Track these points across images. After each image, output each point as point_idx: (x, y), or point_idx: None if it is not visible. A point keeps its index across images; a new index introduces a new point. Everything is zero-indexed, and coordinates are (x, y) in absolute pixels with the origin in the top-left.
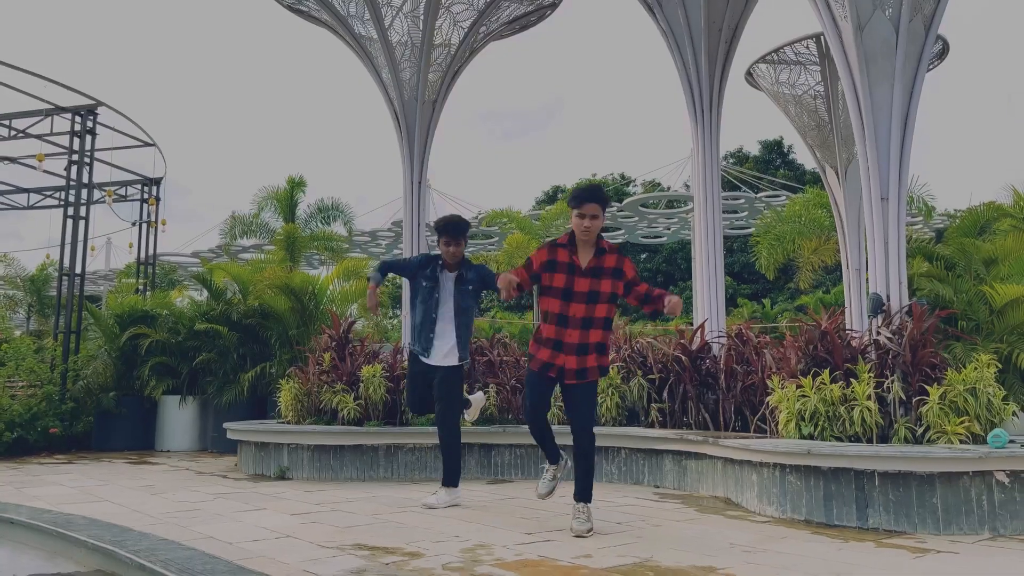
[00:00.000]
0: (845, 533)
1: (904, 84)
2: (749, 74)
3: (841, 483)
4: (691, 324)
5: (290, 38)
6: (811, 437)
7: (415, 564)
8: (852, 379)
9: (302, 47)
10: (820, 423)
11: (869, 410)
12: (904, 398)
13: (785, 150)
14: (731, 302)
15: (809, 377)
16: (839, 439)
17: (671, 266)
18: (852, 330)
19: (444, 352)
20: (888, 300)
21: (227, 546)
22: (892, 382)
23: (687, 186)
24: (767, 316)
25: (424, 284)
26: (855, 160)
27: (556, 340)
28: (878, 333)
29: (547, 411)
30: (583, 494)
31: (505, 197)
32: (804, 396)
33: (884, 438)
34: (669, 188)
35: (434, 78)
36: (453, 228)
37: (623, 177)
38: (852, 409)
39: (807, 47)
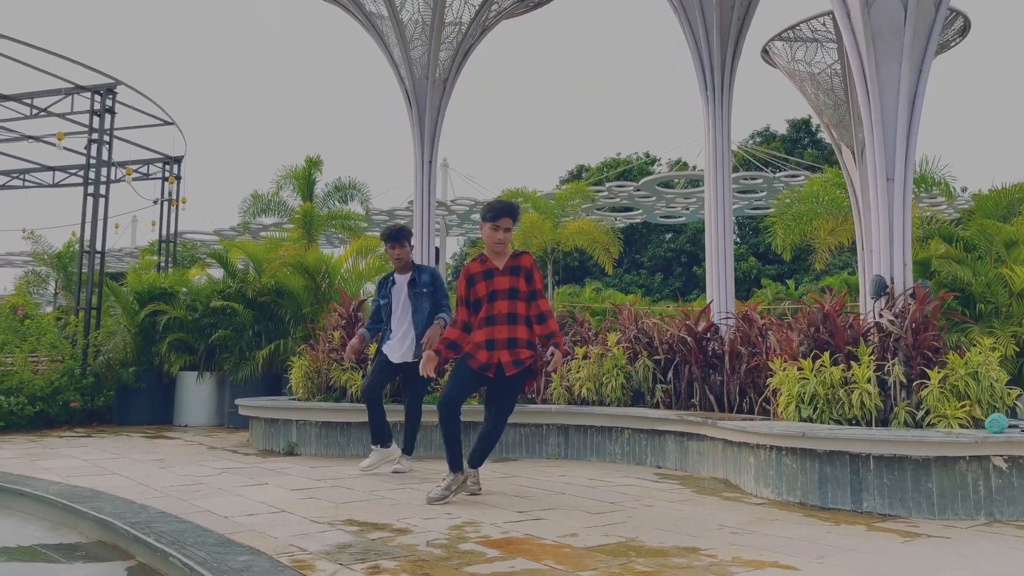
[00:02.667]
0: (838, 516)
1: (912, 62)
2: (765, 51)
3: (836, 466)
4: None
5: (307, 18)
6: (810, 420)
7: (400, 540)
8: (853, 362)
9: (320, 26)
10: (819, 406)
11: (868, 393)
12: (905, 381)
13: (813, 129)
14: (755, 283)
15: (809, 359)
16: (838, 422)
17: (696, 246)
18: (857, 313)
19: (405, 349)
20: (892, 282)
21: (222, 520)
22: (893, 365)
23: None
24: (792, 297)
25: (383, 302)
26: None
27: (488, 339)
28: (880, 316)
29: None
30: (480, 461)
31: (528, 178)
32: (804, 379)
33: (884, 422)
34: (695, 167)
35: (445, 57)
36: (393, 234)
37: (647, 156)
38: (851, 392)
39: (823, 24)
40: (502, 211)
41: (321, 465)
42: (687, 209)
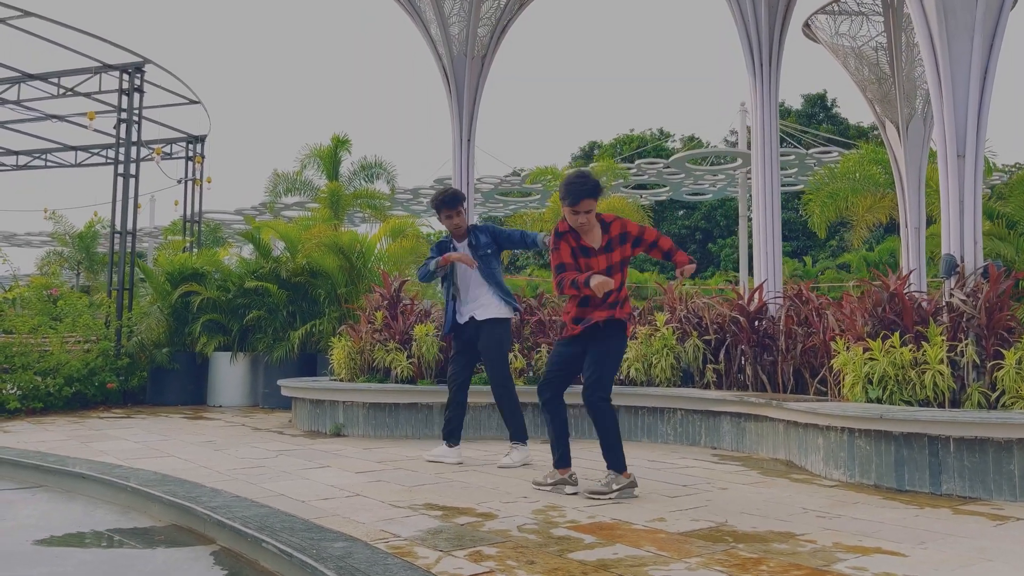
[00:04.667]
0: (918, 499)
1: (984, 36)
2: (807, 26)
3: (914, 448)
4: (730, 282)
5: None
6: (878, 401)
7: (489, 525)
8: (923, 342)
9: (346, 4)
10: (889, 387)
11: (941, 374)
12: (978, 362)
13: (828, 104)
14: None
15: (879, 340)
16: (908, 403)
17: (710, 223)
18: (917, 291)
19: (481, 307)
20: (962, 261)
21: (299, 504)
22: (966, 345)
23: (726, 141)
24: (808, 274)
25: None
26: (917, 115)
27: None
28: (951, 295)
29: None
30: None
31: (539, 154)
32: (872, 359)
33: (955, 403)
34: (708, 143)
35: (483, 33)
36: (448, 200)
37: (661, 132)
38: (923, 373)
39: None
40: (580, 194)
41: (374, 447)
42: (714, 186)
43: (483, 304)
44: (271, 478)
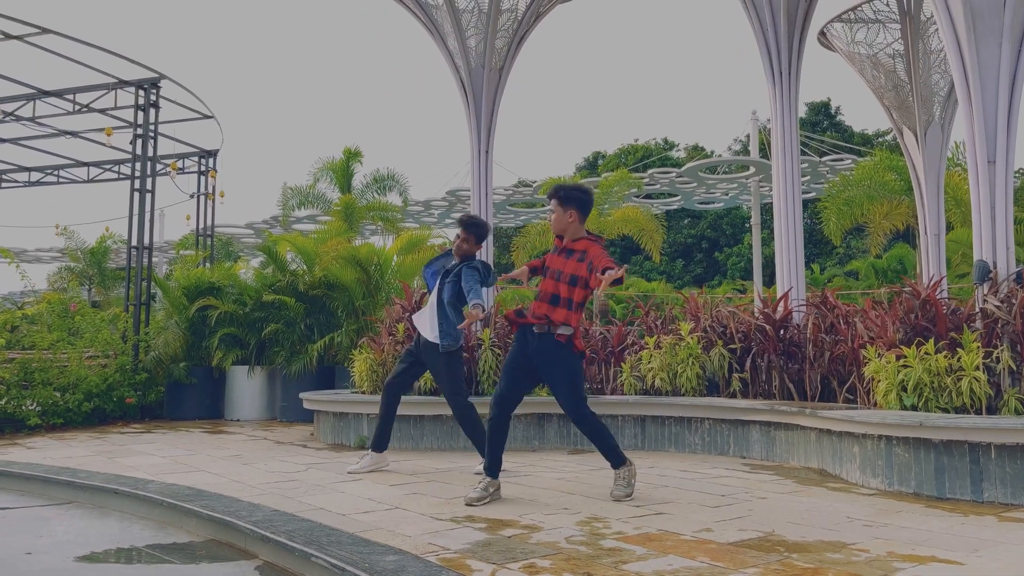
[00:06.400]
0: (960, 506)
1: (1012, 42)
2: (823, 34)
3: (954, 455)
4: (738, 290)
5: (343, 8)
6: (914, 408)
7: (537, 537)
8: (958, 349)
9: (357, 17)
10: (925, 394)
11: (978, 380)
12: (1014, 368)
13: (832, 111)
14: None
15: (913, 347)
16: (944, 410)
17: (716, 232)
18: (961, 298)
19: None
20: (995, 267)
21: (340, 517)
22: (1001, 351)
23: (731, 150)
24: (817, 281)
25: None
26: (935, 122)
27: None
28: (984, 301)
29: None
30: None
31: (544, 164)
32: (906, 367)
33: (991, 409)
34: (713, 152)
35: (500, 45)
36: (477, 230)
37: (666, 142)
38: (959, 380)
39: (886, 4)
40: (548, 193)
41: (402, 459)
42: (726, 195)
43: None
44: (306, 492)
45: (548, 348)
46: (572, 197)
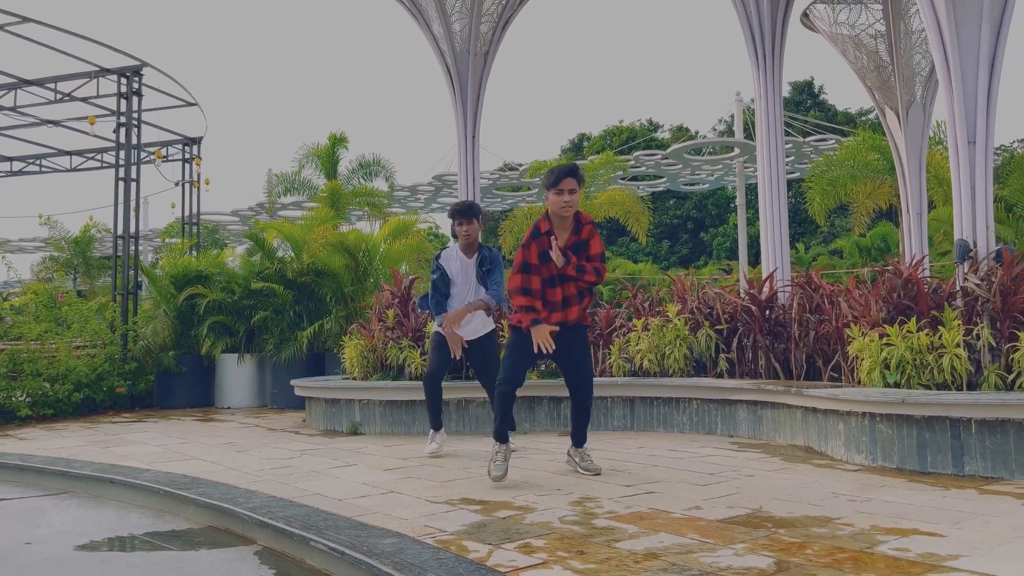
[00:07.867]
0: (942, 480)
1: (992, 23)
2: (805, 16)
3: (936, 431)
4: (723, 270)
5: None
6: (896, 385)
7: (531, 518)
8: (939, 327)
9: (341, 2)
10: (907, 371)
11: (959, 357)
12: (994, 344)
13: (816, 91)
14: None
15: (896, 325)
16: (926, 387)
17: (701, 212)
18: (942, 277)
19: (477, 324)
20: (975, 246)
21: (337, 503)
22: (981, 329)
23: (715, 130)
24: (801, 260)
25: (436, 276)
26: (916, 102)
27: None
28: (965, 279)
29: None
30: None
31: (529, 146)
32: (889, 345)
33: (972, 385)
34: (698, 133)
35: (485, 29)
36: (463, 211)
37: (651, 122)
38: (940, 357)
39: None
40: (561, 172)
41: (394, 444)
42: (711, 176)
43: (480, 323)
44: (301, 477)
45: (582, 335)
46: (583, 176)
